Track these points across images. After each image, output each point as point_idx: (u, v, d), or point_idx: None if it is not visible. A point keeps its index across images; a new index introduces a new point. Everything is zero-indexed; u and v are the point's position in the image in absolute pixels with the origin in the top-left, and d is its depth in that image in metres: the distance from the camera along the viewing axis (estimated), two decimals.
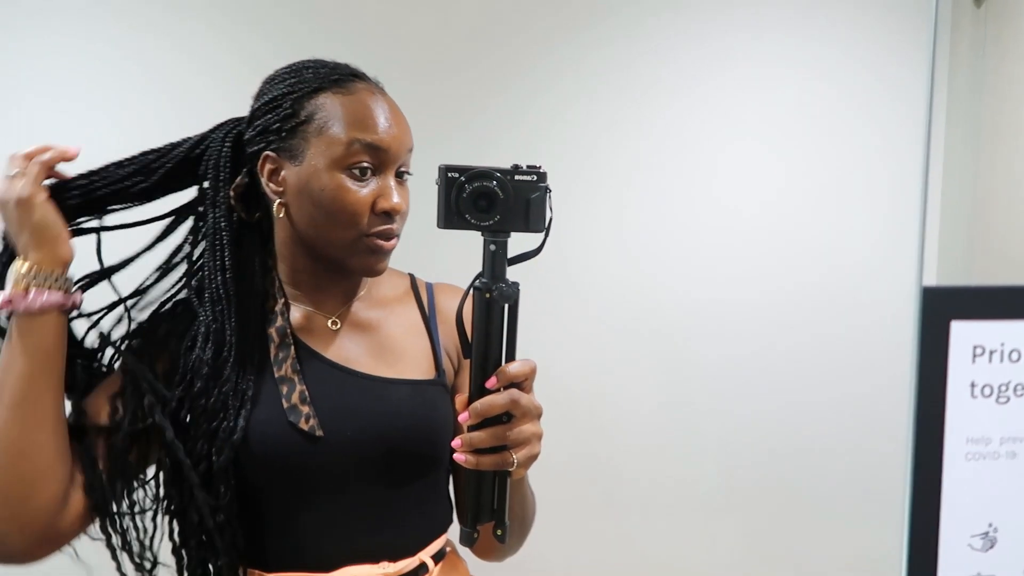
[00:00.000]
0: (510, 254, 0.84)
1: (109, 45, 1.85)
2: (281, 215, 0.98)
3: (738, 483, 2.02)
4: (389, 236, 0.96)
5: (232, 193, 0.99)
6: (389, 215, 0.95)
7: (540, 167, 0.84)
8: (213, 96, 1.83)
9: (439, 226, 0.83)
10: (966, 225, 1.95)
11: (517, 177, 0.82)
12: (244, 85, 1.04)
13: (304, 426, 0.94)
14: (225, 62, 1.86)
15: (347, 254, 0.97)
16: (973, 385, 0.61)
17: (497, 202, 0.81)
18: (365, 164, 0.94)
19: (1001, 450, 0.62)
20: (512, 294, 0.83)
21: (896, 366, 1.95)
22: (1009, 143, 1.80)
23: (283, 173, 0.97)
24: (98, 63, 1.85)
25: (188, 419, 0.94)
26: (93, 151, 1.87)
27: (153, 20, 1.85)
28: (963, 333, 0.61)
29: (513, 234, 0.84)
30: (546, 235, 0.85)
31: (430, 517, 1.04)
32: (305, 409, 0.95)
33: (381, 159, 0.95)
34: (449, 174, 0.82)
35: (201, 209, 1.01)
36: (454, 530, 1.11)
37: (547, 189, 0.84)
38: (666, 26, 1.95)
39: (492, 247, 0.83)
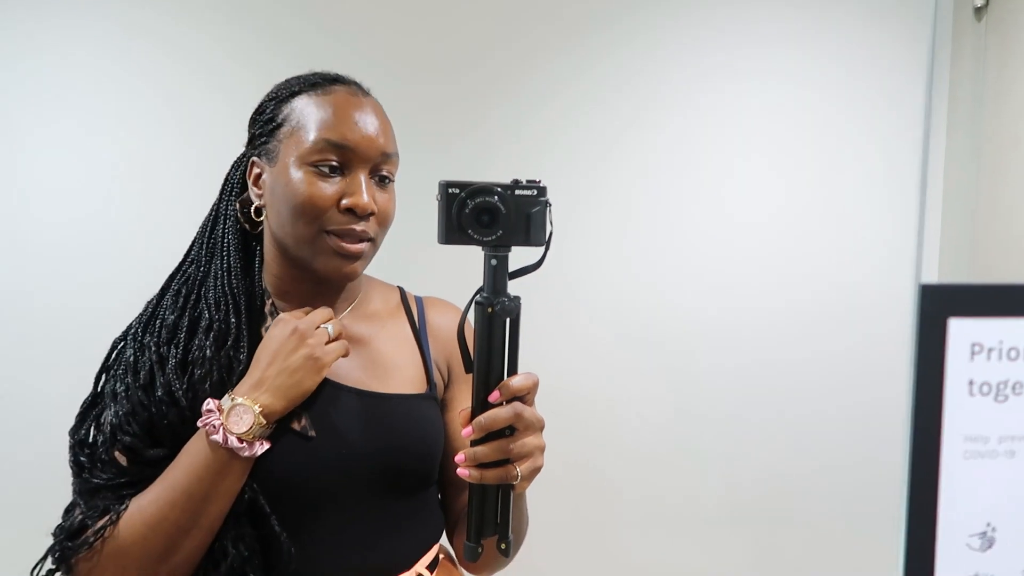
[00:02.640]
0: (510, 268, 0.84)
1: (110, 57, 1.86)
2: (262, 218, 1.00)
3: (742, 495, 2.01)
4: (353, 236, 0.96)
5: (238, 205, 1.02)
6: (354, 213, 0.95)
7: (540, 181, 0.84)
8: (217, 106, 1.85)
9: (440, 242, 0.83)
10: (967, 233, 1.95)
11: (517, 192, 0.83)
12: (249, 96, 1.05)
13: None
14: (229, 70, 1.87)
15: (311, 253, 0.97)
16: (971, 383, 0.61)
17: (499, 217, 0.82)
18: (332, 162, 0.95)
19: (1000, 448, 0.61)
20: (514, 308, 0.83)
21: (902, 376, 1.95)
22: (1009, 153, 1.80)
23: (263, 176, 0.99)
24: (100, 75, 1.86)
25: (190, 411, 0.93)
26: (97, 162, 1.88)
27: (154, 29, 1.85)
28: (961, 331, 0.60)
29: (513, 248, 0.84)
30: (546, 249, 0.86)
31: (423, 529, 1.04)
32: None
33: (348, 158, 0.95)
34: (450, 190, 0.82)
35: (212, 221, 1.03)
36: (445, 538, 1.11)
37: (547, 203, 0.84)
38: (668, 38, 1.96)
39: (493, 262, 0.83)
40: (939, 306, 0.60)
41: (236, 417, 0.89)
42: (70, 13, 1.83)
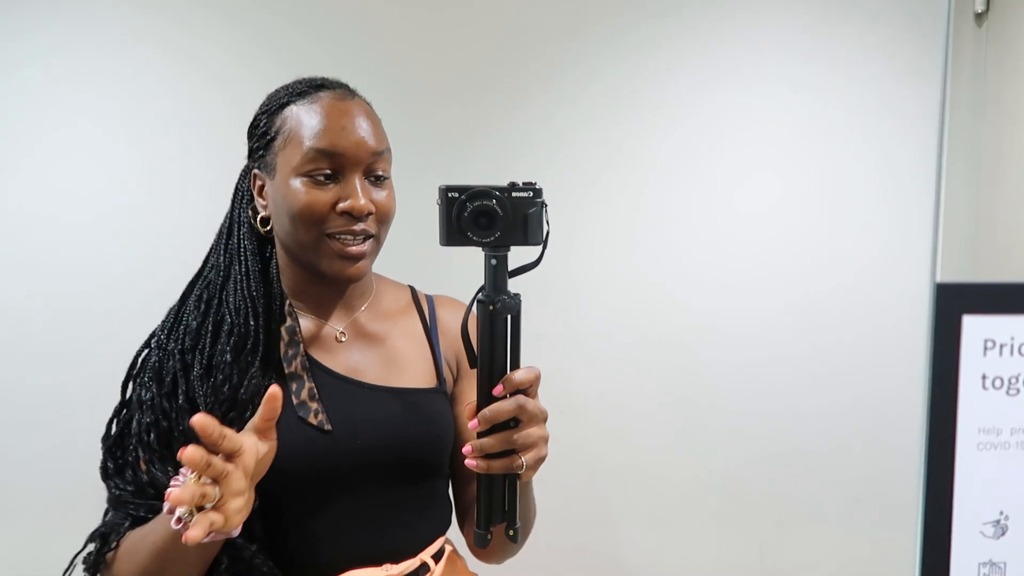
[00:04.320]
0: (510, 267, 0.86)
1: (121, 62, 1.87)
2: (268, 228, 1.04)
3: (747, 490, 2.03)
4: (354, 236, 0.99)
5: (251, 212, 1.05)
6: (352, 216, 0.97)
7: (535, 183, 0.86)
8: (224, 109, 1.86)
9: (441, 244, 0.86)
10: (966, 235, 1.98)
11: (514, 194, 0.85)
12: (255, 99, 1.07)
13: (313, 421, 0.97)
14: (235, 75, 1.88)
15: (316, 258, 1.00)
16: (984, 377, 0.63)
17: (497, 219, 0.84)
18: (325, 170, 0.97)
19: (1011, 440, 0.64)
20: (514, 305, 0.86)
21: (908, 370, 1.98)
22: (1010, 159, 1.83)
23: (266, 188, 1.03)
24: (111, 79, 1.87)
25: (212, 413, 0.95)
26: (103, 165, 1.88)
27: (160, 33, 1.87)
28: (974, 327, 0.63)
29: (513, 248, 0.86)
30: (544, 247, 0.88)
31: (431, 519, 1.08)
32: (314, 405, 0.98)
33: (340, 163, 0.98)
34: (449, 194, 0.84)
35: (227, 230, 1.06)
36: (453, 531, 1.13)
37: (543, 204, 0.86)
38: (677, 46, 1.99)
39: (493, 261, 0.85)
40: (953, 304, 0.62)
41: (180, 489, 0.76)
42: (76, 18, 1.85)
